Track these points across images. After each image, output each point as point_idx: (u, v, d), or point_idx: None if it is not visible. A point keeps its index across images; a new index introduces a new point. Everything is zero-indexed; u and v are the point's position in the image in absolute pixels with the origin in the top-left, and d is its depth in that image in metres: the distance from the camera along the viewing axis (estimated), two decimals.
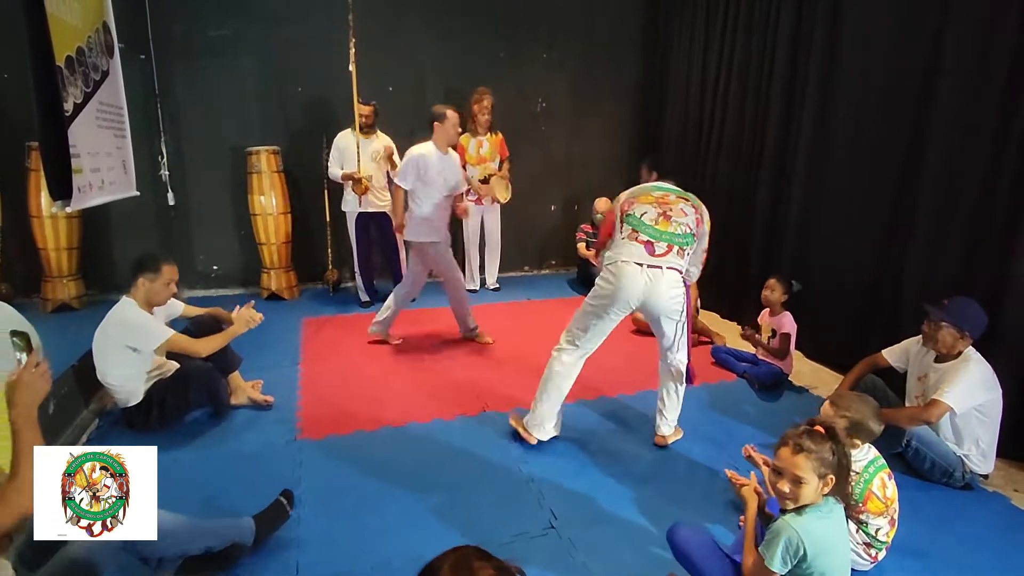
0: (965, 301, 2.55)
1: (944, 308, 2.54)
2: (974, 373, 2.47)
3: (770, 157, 4.23)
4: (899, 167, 3.32)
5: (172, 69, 4.61)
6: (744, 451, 2.23)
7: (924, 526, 2.28)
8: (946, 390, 2.47)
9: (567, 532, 2.22)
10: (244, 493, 2.39)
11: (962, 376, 2.47)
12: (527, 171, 5.52)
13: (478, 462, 2.66)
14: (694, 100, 5.12)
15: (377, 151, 4.54)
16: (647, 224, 2.62)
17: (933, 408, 2.48)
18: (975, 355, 2.53)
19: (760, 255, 4.38)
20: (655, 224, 2.62)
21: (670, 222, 2.63)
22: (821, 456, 1.56)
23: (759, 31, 4.31)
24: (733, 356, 3.78)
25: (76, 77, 3.03)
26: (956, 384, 2.46)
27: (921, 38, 3.15)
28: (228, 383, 3.04)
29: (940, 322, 2.52)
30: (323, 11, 4.79)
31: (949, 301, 2.56)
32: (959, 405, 2.46)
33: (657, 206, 2.67)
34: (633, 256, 2.57)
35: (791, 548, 1.54)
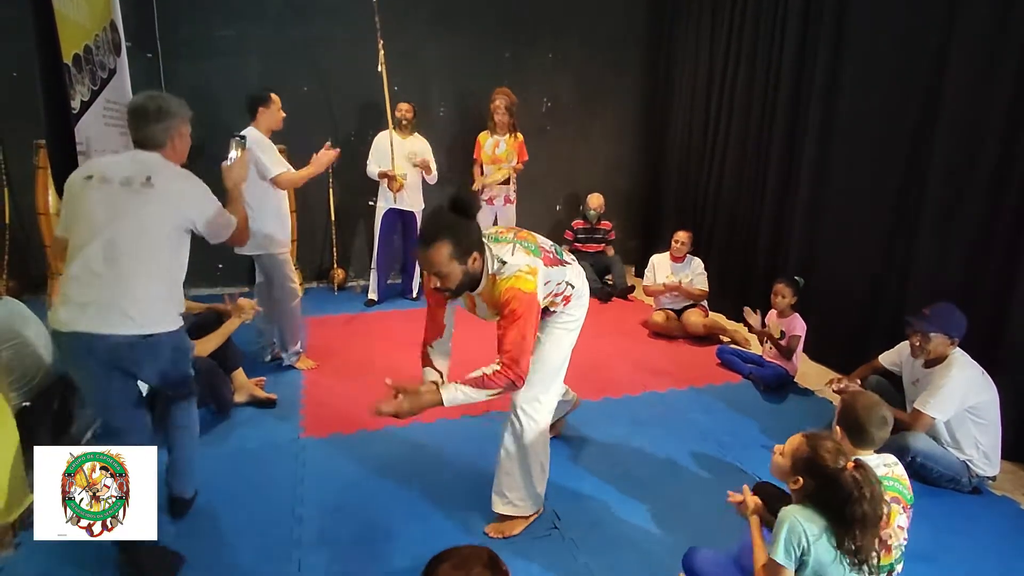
0: (946, 307, 2.53)
1: (927, 318, 2.52)
2: (956, 379, 2.45)
3: (776, 157, 4.20)
4: (904, 167, 3.29)
5: (178, 68, 4.62)
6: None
7: (932, 530, 2.26)
8: (928, 400, 2.46)
9: (570, 533, 2.21)
10: (246, 491, 2.40)
11: (943, 383, 2.45)
12: (533, 171, 5.50)
13: (482, 462, 2.64)
14: (700, 100, 5.10)
15: (414, 152, 4.56)
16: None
17: (917, 420, 2.48)
18: (960, 359, 2.50)
19: (766, 255, 4.36)
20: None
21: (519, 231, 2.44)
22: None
23: (765, 30, 4.29)
24: (739, 357, 3.75)
25: (83, 75, 3.04)
26: (937, 392, 2.45)
27: (928, 36, 3.13)
28: (231, 381, 3.04)
29: (929, 333, 2.50)
30: (327, 12, 4.81)
31: (930, 311, 2.54)
32: (942, 413, 2.44)
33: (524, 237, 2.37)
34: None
35: (794, 537, 1.48)
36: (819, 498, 1.51)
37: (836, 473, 1.48)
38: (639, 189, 6.07)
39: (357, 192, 5.00)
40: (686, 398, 3.36)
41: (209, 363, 2.83)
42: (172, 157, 2.00)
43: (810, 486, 1.53)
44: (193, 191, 1.96)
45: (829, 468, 1.49)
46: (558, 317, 2.19)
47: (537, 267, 1.95)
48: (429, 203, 5.02)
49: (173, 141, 2.01)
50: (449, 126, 5.37)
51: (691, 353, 4.03)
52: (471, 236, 1.85)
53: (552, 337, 2.18)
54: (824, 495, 1.49)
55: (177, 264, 1.95)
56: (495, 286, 1.92)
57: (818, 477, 1.51)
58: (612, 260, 5.45)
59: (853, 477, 1.46)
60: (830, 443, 1.55)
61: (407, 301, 4.93)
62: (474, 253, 1.86)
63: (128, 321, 1.78)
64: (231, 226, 2.07)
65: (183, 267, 1.98)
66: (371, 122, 4.99)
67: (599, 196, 5.43)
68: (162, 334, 1.85)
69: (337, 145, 4.79)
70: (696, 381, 3.55)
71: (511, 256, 1.94)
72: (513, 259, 1.94)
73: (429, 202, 5.01)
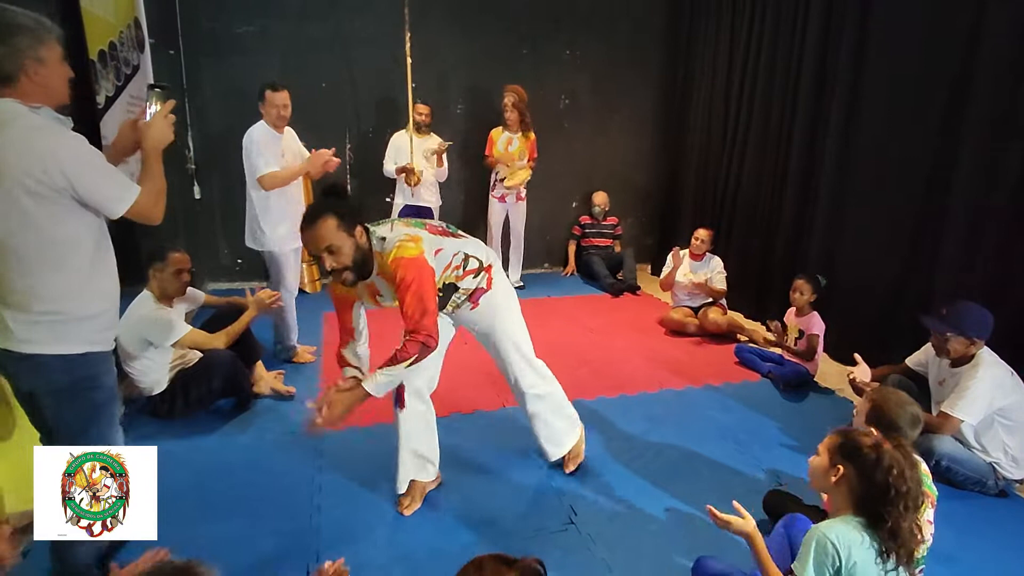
0: (965, 306, 2.46)
1: (944, 319, 2.46)
2: (984, 380, 2.38)
3: (798, 154, 4.14)
4: (929, 164, 3.23)
5: (200, 64, 4.68)
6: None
7: (956, 532, 2.21)
8: (956, 402, 2.40)
9: (587, 528, 2.20)
10: (266, 482, 2.42)
11: (970, 384, 2.39)
12: (550, 169, 5.49)
13: (497, 457, 2.65)
14: (719, 96, 5.05)
15: (429, 149, 4.62)
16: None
17: (944, 423, 2.42)
18: (987, 359, 2.43)
19: (786, 253, 4.30)
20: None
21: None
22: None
23: (786, 25, 4.23)
24: (758, 356, 3.71)
25: (108, 71, 3.09)
26: (964, 394, 2.39)
27: (955, 27, 3.06)
28: (251, 372, 3.07)
29: (946, 333, 2.44)
30: (347, 9, 4.83)
31: (948, 310, 2.48)
32: (970, 415, 2.38)
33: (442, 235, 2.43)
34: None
35: (824, 555, 1.41)
36: (861, 482, 1.45)
37: (877, 447, 1.45)
38: (657, 186, 6.03)
39: (374, 189, 5.03)
40: (704, 396, 3.33)
41: (230, 355, 2.86)
42: (32, 95, 1.48)
43: (851, 473, 1.47)
44: (57, 143, 1.47)
45: (868, 444, 1.46)
46: (492, 297, 2.23)
47: (420, 235, 2.00)
48: (445, 199, 5.04)
49: (27, 72, 1.46)
50: (465, 123, 5.38)
51: (708, 351, 3.99)
52: (352, 211, 1.92)
53: (499, 317, 2.27)
54: (865, 476, 1.44)
55: (76, 256, 1.55)
56: (384, 263, 1.96)
57: (857, 458, 1.46)
58: (622, 255, 5.53)
59: (895, 449, 1.44)
60: (864, 430, 1.53)
61: None
62: (358, 227, 1.91)
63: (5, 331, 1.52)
64: (125, 198, 1.57)
65: (97, 262, 1.61)
66: (389, 120, 5.02)
67: (603, 193, 5.64)
68: (49, 357, 1.54)
69: (353, 141, 4.85)
70: (713, 379, 3.51)
71: (390, 232, 2.00)
72: (392, 233, 1.99)
73: (445, 198, 5.03)
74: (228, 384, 2.87)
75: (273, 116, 3.25)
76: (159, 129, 1.72)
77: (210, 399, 2.89)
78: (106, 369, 1.69)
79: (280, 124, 3.31)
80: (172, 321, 2.74)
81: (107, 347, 1.68)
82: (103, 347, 1.66)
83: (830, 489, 1.56)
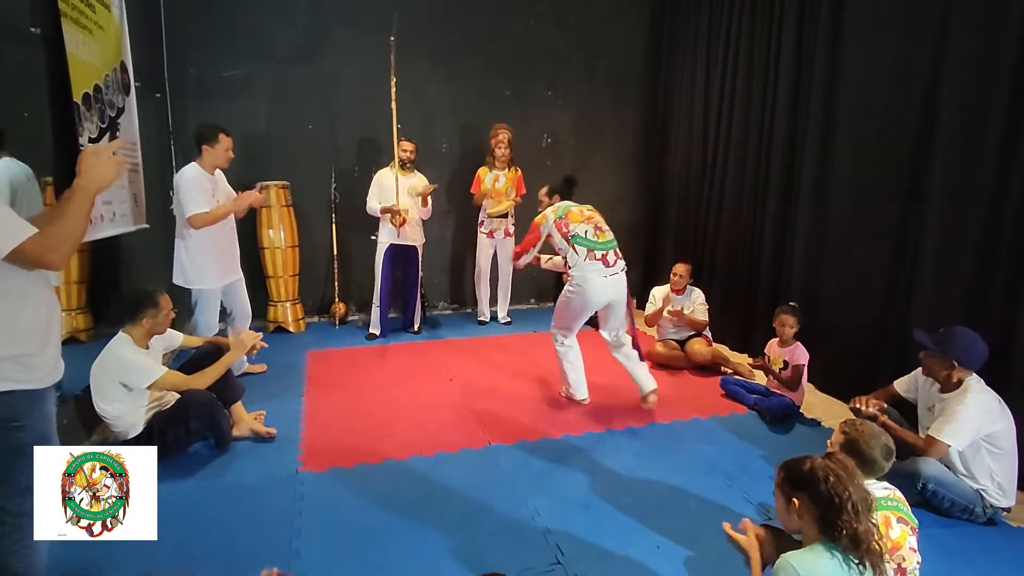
0: (960, 331, 2.49)
1: (934, 337, 2.49)
2: (971, 406, 2.39)
3: (775, 188, 4.24)
4: (905, 196, 3.31)
5: (186, 107, 4.73)
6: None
7: (947, 561, 2.19)
8: (944, 426, 2.41)
9: (574, 568, 2.14)
10: (244, 526, 2.35)
11: (958, 409, 2.40)
12: (533, 205, 5.55)
13: (483, 496, 2.60)
14: (697, 134, 5.18)
15: (414, 187, 4.65)
16: (592, 240, 3.30)
17: (930, 447, 2.42)
18: (976, 385, 2.45)
19: (768, 285, 4.36)
20: (596, 239, 3.31)
21: (603, 232, 3.37)
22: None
23: (760, 64, 4.39)
24: (744, 388, 3.71)
25: (92, 112, 3.11)
26: (952, 419, 2.40)
27: (920, 68, 3.19)
28: (230, 414, 3.01)
29: (929, 351, 2.47)
30: (331, 52, 4.94)
31: (943, 330, 2.51)
32: (957, 441, 2.39)
33: (587, 222, 3.36)
34: (598, 272, 3.27)
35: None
36: (814, 503, 1.50)
37: (811, 466, 1.53)
38: (639, 221, 6.12)
39: (359, 227, 5.05)
40: (691, 429, 3.31)
41: (208, 396, 2.81)
42: None
43: (803, 499, 1.53)
44: None
45: (804, 467, 1.54)
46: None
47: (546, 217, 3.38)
48: (429, 238, 5.06)
49: None
50: (451, 162, 5.45)
51: (694, 384, 3.99)
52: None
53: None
54: (814, 496, 1.50)
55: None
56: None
57: (800, 483, 1.53)
58: None
59: (826, 460, 1.53)
60: (800, 456, 1.60)
61: (408, 335, 4.92)
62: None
63: None
64: (13, 239, 1.42)
65: (7, 301, 1.48)
66: (372, 158, 5.08)
67: None
68: None
69: (338, 180, 4.88)
70: (701, 412, 3.50)
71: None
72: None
73: (429, 236, 5.06)
74: (206, 425, 2.81)
75: (222, 157, 3.46)
76: (104, 167, 1.54)
77: (188, 441, 2.82)
78: (32, 411, 1.54)
79: (225, 164, 3.53)
80: (150, 364, 2.69)
81: (35, 386, 1.55)
82: (30, 386, 1.53)
83: (797, 524, 1.58)
